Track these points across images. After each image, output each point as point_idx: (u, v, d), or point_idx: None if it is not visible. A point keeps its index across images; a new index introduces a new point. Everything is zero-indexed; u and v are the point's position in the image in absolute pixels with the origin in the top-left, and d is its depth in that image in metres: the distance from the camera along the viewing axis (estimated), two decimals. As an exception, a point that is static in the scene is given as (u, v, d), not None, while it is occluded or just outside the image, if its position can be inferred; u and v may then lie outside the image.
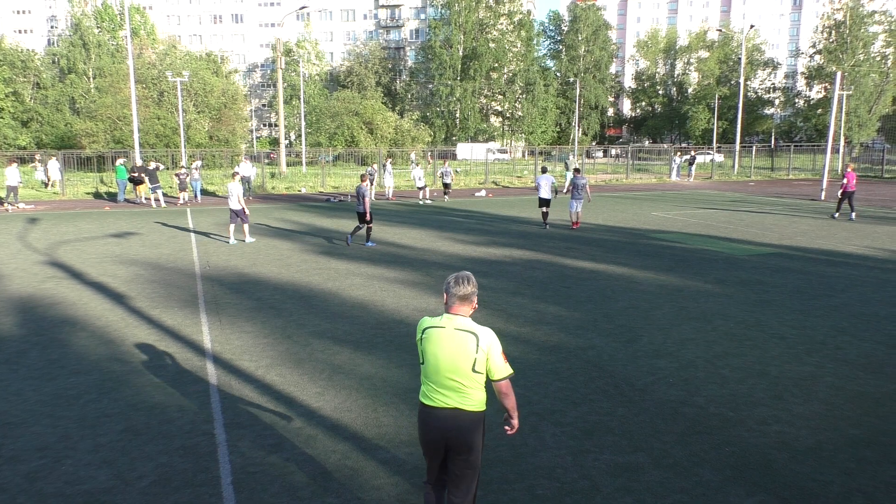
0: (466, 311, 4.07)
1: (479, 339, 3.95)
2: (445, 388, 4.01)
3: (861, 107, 72.07)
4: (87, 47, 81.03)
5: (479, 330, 4.00)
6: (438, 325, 4.05)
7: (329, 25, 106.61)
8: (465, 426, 3.99)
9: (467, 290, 4.03)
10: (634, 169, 49.17)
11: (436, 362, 4.02)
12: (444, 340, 3.99)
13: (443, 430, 4.01)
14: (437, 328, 4.04)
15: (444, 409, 4.01)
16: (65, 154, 36.99)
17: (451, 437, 4.00)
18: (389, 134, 62.70)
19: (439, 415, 4.01)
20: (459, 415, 3.99)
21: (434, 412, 4.03)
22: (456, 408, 3.99)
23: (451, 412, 3.99)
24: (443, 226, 20.90)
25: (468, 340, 3.95)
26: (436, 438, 4.05)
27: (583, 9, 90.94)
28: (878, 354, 8.35)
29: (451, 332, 3.99)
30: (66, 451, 5.87)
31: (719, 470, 5.49)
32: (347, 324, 9.83)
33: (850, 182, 22.30)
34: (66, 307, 10.89)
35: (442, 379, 4.01)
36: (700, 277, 12.98)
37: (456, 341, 3.96)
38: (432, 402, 4.05)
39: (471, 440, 4.01)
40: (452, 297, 4.03)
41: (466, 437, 4.00)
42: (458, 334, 3.97)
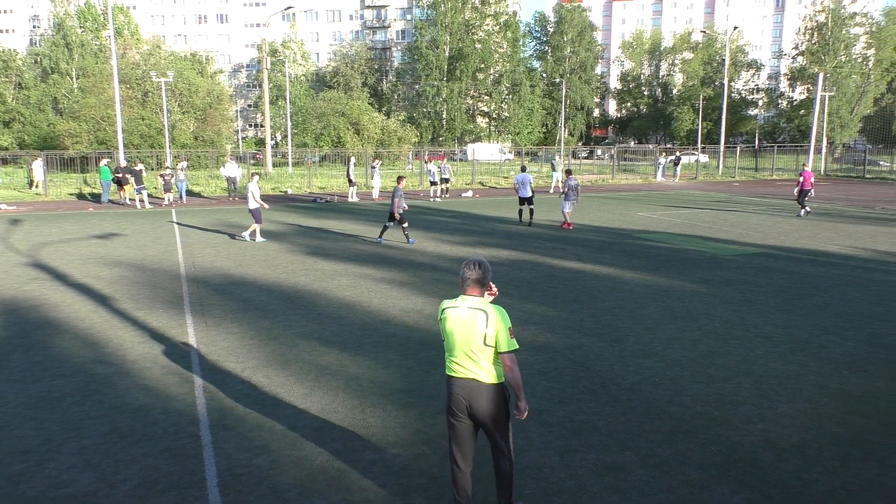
0: (480, 292, 4.55)
1: (488, 316, 4.42)
2: (464, 360, 4.51)
3: (843, 108, 72.80)
4: (69, 47, 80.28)
5: (488, 308, 4.46)
6: (454, 304, 4.57)
7: (315, 26, 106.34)
8: (484, 395, 4.48)
9: (477, 273, 4.51)
10: (620, 169, 49.38)
11: (453, 337, 4.52)
12: (459, 317, 4.50)
13: (466, 397, 4.50)
14: (454, 307, 4.55)
15: (464, 379, 4.52)
16: (48, 155, 36.63)
17: (472, 405, 4.50)
18: (376, 135, 62.55)
19: (462, 384, 4.52)
20: (479, 385, 4.48)
21: (457, 381, 4.54)
22: (474, 378, 4.48)
23: (470, 382, 4.50)
24: (430, 226, 20.90)
25: (479, 317, 4.43)
26: (460, 404, 4.53)
27: (568, 10, 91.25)
28: (861, 353, 8.43)
29: (464, 310, 4.50)
30: (49, 454, 5.81)
31: (705, 468, 5.52)
32: (334, 325, 9.80)
33: (806, 180, 23.19)
34: (50, 309, 10.78)
35: (459, 352, 4.51)
36: (685, 277, 13.05)
37: (468, 318, 4.46)
38: (455, 372, 4.56)
39: (490, 408, 4.49)
40: (466, 280, 4.54)
41: (486, 405, 4.48)
42: (470, 312, 4.47)
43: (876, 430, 6.25)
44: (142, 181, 27.74)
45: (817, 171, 46.37)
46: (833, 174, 48.99)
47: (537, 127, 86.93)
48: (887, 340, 8.94)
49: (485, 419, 4.51)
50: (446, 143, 77.98)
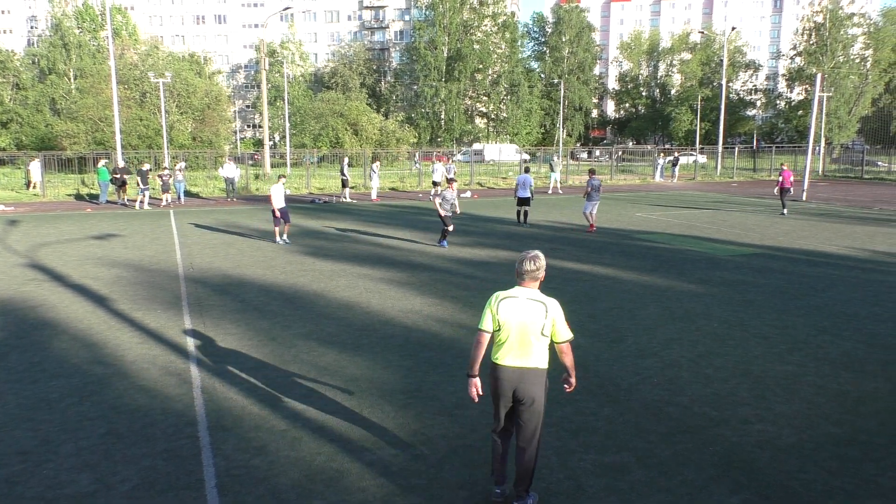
0: (535, 284, 4.80)
1: (547, 308, 4.71)
2: (518, 348, 4.72)
3: (841, 108, 72.86)
4: (67, 48, 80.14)
5: (547, 300, 4.75)
6: (513, 295, 4.78)
7: (313, 26, 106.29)
8: (531, 380, 4.74)
9: (536, 267, 4.75)
10: (618, 170, 49.41)
11: (510, 327, 4.71)
12: (518, 308, 4.71)
13: (513, 383, 4.74)
14: (511, 298, 4.76)
15: (514, 368, 4.73)
16: (45, 155, 36.57)
17: (518, 390, 4.74)
18: (374, 135, 62.52)
19: (510, 372, 4.74)
20: (527, 371, 4.73)
21: (506, 370, 4.75)
22: (523, 367, 4.72)
23: (519, 370, 4.73)
24: (428, 227, 20.90)
25: (538, 309, 4.70)
26: (506, 391, 4.78)
27: (566, 11, 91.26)
28: (858, 353, 8.44)
29: (524, 301, 4.72)
30: (46, 456, 5.80)
31: (703, 469, 5.53)
32: (333, 325, 9.80)
33: (785, 180, 23.76)
34: (48, 310, 10.77)
35: (515, 341, 4.71)
36: (683, 278, 13.06)
37: (528, 309, 4.70)
38: (504, 360, 4.76)
39: (535, 392, 4.75)
40: (524, 273, 4.75)
41: (532, 389, 4.74)
42: (529, 303, 4.71)
43: (874, 430, 6.26)
44: (147, 181, 27.68)
45: (815, 171, 46.42)
46: (831, 175, 49.05)
47: (536, 127, 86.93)
48: (885, 341, 8.96)
49: (528, 403, 4.75)
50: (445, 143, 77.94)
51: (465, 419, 6.52)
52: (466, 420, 6.50)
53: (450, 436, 6.16)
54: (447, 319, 10.11)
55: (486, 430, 6.26)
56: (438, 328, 9.64)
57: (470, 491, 5.19)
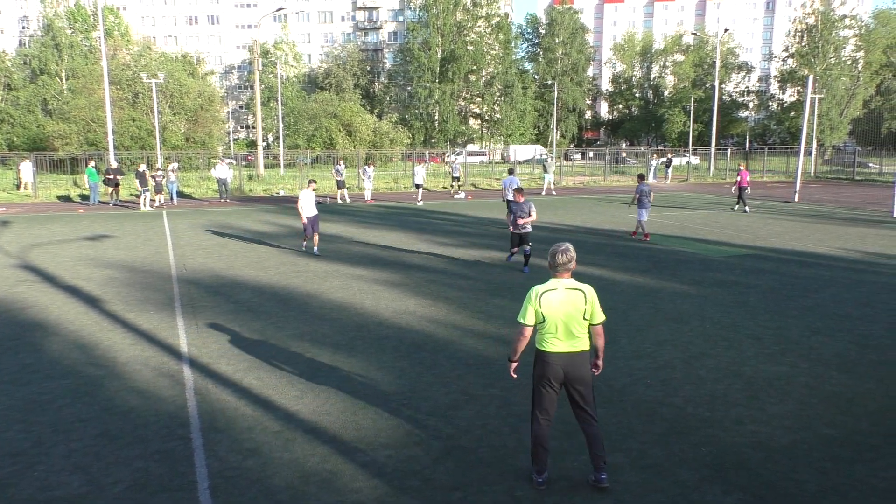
0: (568, 274, 5.14)
1: (585, 294, 5.11)
2: (565, 335, 5.07)
3: (833, 110, 73.26)
4: (59, 48, 79.84)
5: (583, 286, 5.14)
6: (552, 287, 5.10)
7: (306, 27, 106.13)
8: (580, 363, 5.13)
9: (569, 258, 5.11)
10: (612, 171, 49.51)
11: (556, 317, 5.04)
12: (560, 299, 5.06)
13: (564, 366, 5.09)
14: (552, 290, 5.08)
15: (563, 353, 5.10)
16: (37, 156, 36.39)
17: (569, 373, 5.11)
18: (368, 136, 62.48)
19: (561, 356, 5.10)
20: (576, 355, 5.11)
21: (556, 355, 5.10)
22: (572, 351, 5.09)
23: (568, 355, 5.10)
24: (422, 228, 20.89)
25: (578, 296, 5.09)
26: (557, 375, 5.12)
27: (560, 12, 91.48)
28: (850, 354, 8.48)
29: (563, 291, 5.08)
30: (38, 457, 5.77)
31: (696, 470, 5.54)
32: (326, 326, 9.78)
33: (743, 179, 24.98)
34: (39, 311, 10.71)
35: (562, 329, 5.06)
36: (676, 279, 13.10)
37: (570, 297, 5.07)
38: (554, 347, 5.10)
39: (585, 372, 5.16)
40: (559, 266, 5.10)
41: (582, 371, 5.14)
42: (569, 292, 5.09)
43: (866, 430, 6.29)
44: (146, 182, 27.55)
45: (807, 173, 46.62)
46: (823, 176, 49.27)
47: (529, 129, 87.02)
48: (877, 341, 9.00)
49: (579, 383, 5.13)
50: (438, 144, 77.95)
51: (459, 420, 6.52)
52: (460, 421, 6.50)
53: (444, 437, 6.16)
54: (441, 320, 10.11)
55: (480, 432, 6.27)
56: (432, 329, 9.64)
57: (464, 492, 5.19)
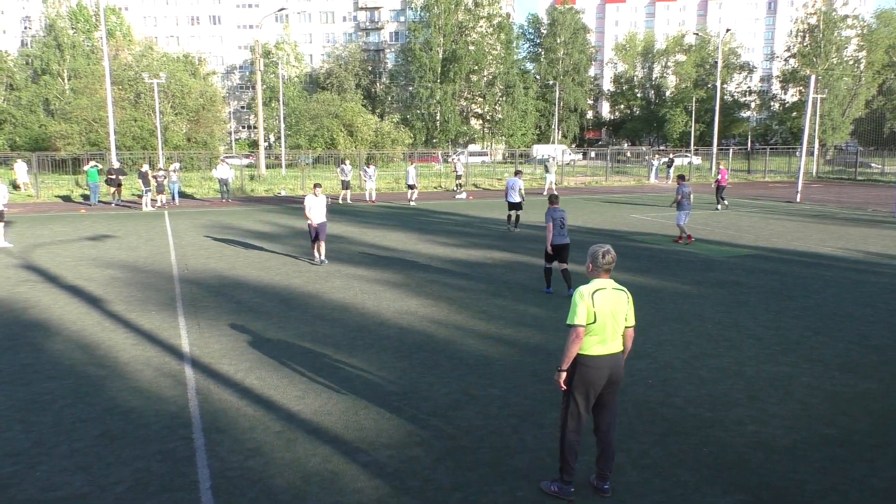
0: (609, 275, 5.16)
1: (627, 295, 5.14)
2: (612, 336, 5.01)
3: (835, 110, 73.13)
4: (61, 48, 79.90)
5: (624, 288, 5.16)
6: (601, 287, 5.05)
7: (308, 27, 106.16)
8: (621, 364, 5.11)
9: (612, 259, 5.14)
10: (613, 171, 49.49)
11: (606, 317, 4.96)
12: (611, 299, 5.02)
13: (609, 370, 5.01)
14: (602, 290, 5.03)
15: (610, 355, 5.02)
16: (39, 156, 36.43)
17: (612, 375, 5.04)
18: (369, 136, 62.50)
19: (608, 359, 5.01)
20: (618, 356, 5.08)
21: (602, 359, 4.99)
22: (616, 352, 5.06)
23: (613, 356, 5.04)
24: (423, 228, 20.90)
25: (623, 296, 5.09)
26: (602, 380, 5.00)
27: (561, 12, 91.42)
28: (851, 354, 8.48)
29: (611, 291, 5.05)
30: (39, 457, 5.78)
31: (697, 470, 5.55)
32: (328, 326, 9.79)
33: (722, 178, 25.92)
34: (41, 311, 10.73)
35: (611, 330, 4.99)
36: (677, 279, 13.09)
37: (617, 298, 5.05)
38: (601, 350, 4.99)
39: (622, 373, 5.16)
40: (602, 265, 5.10)
41: (621, 372, 5.13)
42: (615, 293, 5.06)
43: (866, 431, 6.29)
44: (148, 183, 27.60)
45: (809, 173, 46.57)
46: (825, 176, 49.22)
47: (531, 129, 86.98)
48: (878, 342, 8.99)
49: (616, 385, 5.12)
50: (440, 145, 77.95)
51: (460, 421, 6.53)
52: (461, 421, 6.51)
53: (444, 437, 6.16)
54: (442, 321, 10.12)
55: (481, 432, 6.27)
56: (434, 329, 9.65)
57: (465, 493, 5.20)
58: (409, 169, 30.61)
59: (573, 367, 5.02)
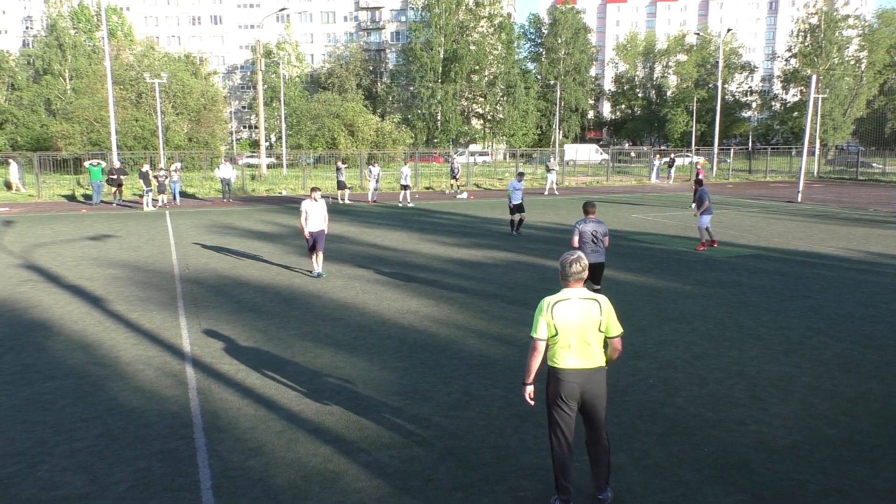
0: (580, 284, 4.80)
1: (601, 304, 4.76)
2: (579, 349, 4.72)
3: (836, 110, 73.10)
4: (62, 48, 79.99)
5: (598, 297, 4.80)
6: (564, 298, 4.74)
7: (309, 27, 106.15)
8: (596, 379, 4.79)
9: (582, 267, 4.77)
10: (615, 171, 49.46)
11: (569, 329, 4.68)
12: (574, 310, 4.70)
13: (580, 384, 4.74)
14: (564, 300, 4.73)
15: (578, 369, 4.74)
16: (40, 156, 36.45)
17: (586, 391, 4.77)
18: (370, 136, 62.52)
19: (576, 373, 4.74)
20: (591, 372, 4.76)
21: (571, 371, 4.74)
22: (587, 367, 4.75)
23: (583, 371, 4.75)
24: (424, 228, 20.90)
25: (592, 306, 4.73)
26: (573, 395, 4.76)
27: (562, 12, 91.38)
28: (853, 355, 8.47)
29: (577, 301, 4.73)
30: (41, 457, 5.78)
31: (698, 470, 5.54)
32: (329, 326, 9.79)
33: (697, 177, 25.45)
34: (42, 311, 10.74)
35: (576, 342, 4.71)
36: (679, 279, 13.08)
37: (584, 308, 4.72)
38: (567, 363, 4.74)
39: (601, 390, 4.83)
40: (572, 275, 4.76)
41: (598, 388, 4.81)
42: (583, 303, 4.73)
43: (868, 431, 6.28)
44: (149, 183, 27.62)
45: (810, 173, 46.54)
46: (826, 176, 49.18)
47: (532, 129, 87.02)
48: (879, 342, 8.98)
49: (594, 402, 4.82)
50: (441, 144, 77.95)
51: (462, 420, 6.53)
52: (463, 421, 6.50)
53: (446, 437, 6.16)
54: (443, 320, 10.12)
55: (482, 432, 6.27)
56: (435, 329, 9.65)
57: (466, 492, 5.20)
58: (403, 169, 30.17)
59: (548, 379, 4.83)
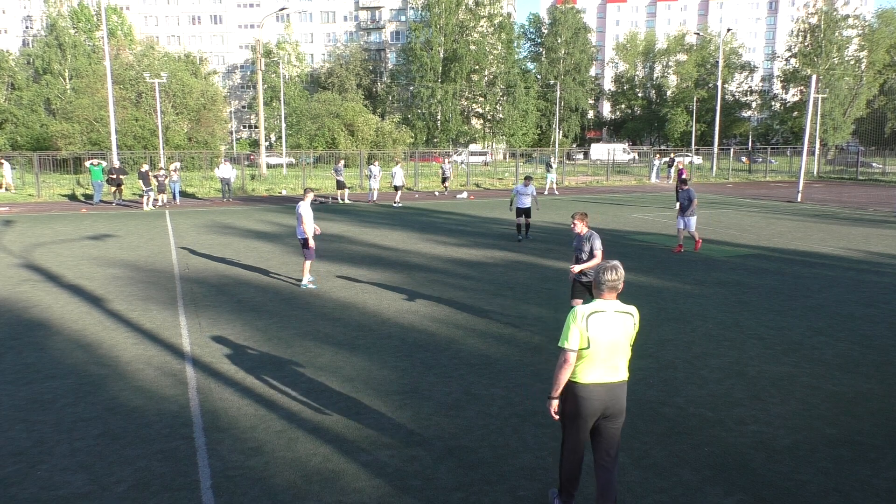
0: (615, 294, 4.57)
1: (633, 318, 4.58)
2: (611, 364, 4.50)
3: (836, 110, 73.14)
4: (62, 48, 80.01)
5: (631, 309, 4.60)
6: (600, 309, 4.49)
7: (309, 27, 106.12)
8: (620, 395, 4.56)
9: (618, 277, 4.54)
10: (614, 171, 49.46)
11: (601, 343, 4.44)
12: (610, 322, 4.47)
13: (605, 400, 4.50)
14: (600, 312, 4.48)
15: (603, 385, 4.50)
16: (40, 156, 36.44)
17: (609, 407, 4.53)
18: (370, 136, 62.53)
19: (604, 388, 4.50)
20: (616, 386, 4.54)
21: (595, 388, 4.49)
22: (612, 381, 4.52)
23: (609, 386, 4.51)
24: (424, 227, 20.90)
25: (627, 320, 4.54)
26: (595, 411, 4.51)
27: (562, 12, 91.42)
28: (853, 354, 8.47)
29: (612, 314, 4.49)
30: (41, 456, 5.78)
31: (698, 470, 5.54)
32: (329, 325, 9.79)
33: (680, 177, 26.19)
34: (42, 310, 10.73)
35: (609, 357, 4.48)
36: (679, 279, 13.08)
37: (619, 322, 4.50)
38: (592, 379, 4.49)
39: (623, 406, 4.60)
40: (606, 284, 4.52)
41: (621, 404, 4.57)
42: (618, 316, 4.51)
43: (868, 431, 6.28)
44: (149, 183, 27.60)
45: (810, 173, 46.55)
46: (826, 176, 49.19)
47: (532, 128, 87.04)
48: (879, 342, 8.99)
49: (617, 416, 4.59)
50: (441, 144, 77.94)
51: (461, 420, 6.52)
52: (462, 421, 6.50)
53: (446, 437, 6.16)
54: (443, 320, 10.11)
55: (482, 431, 6.26)
56: (435, 328, 9.64)
57: (465, 492, 5.19)
58: (395, 170, 29.66)
59: (565, 394, 4.58)
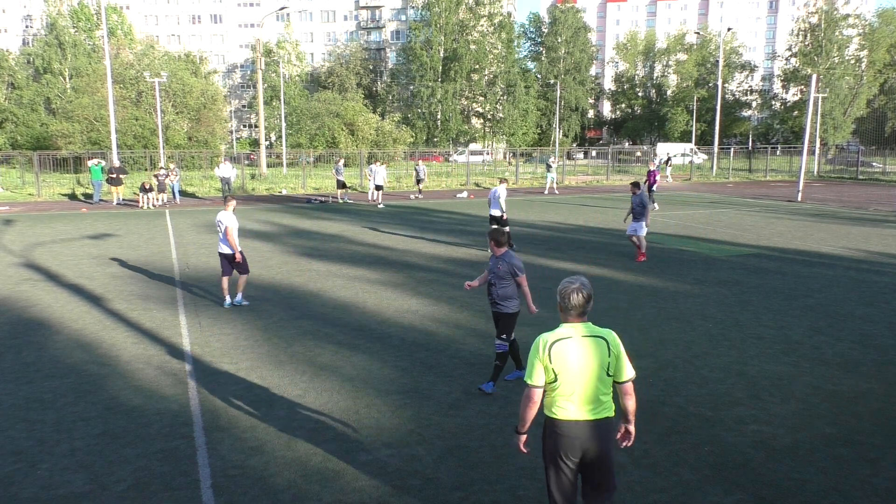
0: (584, 319, 3.95)
1: (608, 343, 3.88)
2: (586, 398, 3.87)
3: (836, 109, 73.10)
4: (62, 47, 79.95)
5: (605, 333, 3.92)
6: (564, 335, 3.87)
7: (309, 26, 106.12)
8: (605, 435, 3.91)
9: (584, 298, 3.95)
10: (615, 170, 49.44)
11: (570, 374, 3.83)
12: (577, 350, 3.84)
13: (581, 441, 3.88)
14: (565, 339, 3.86)
15: (583, 421, 3.88)
16: (40, 155, 36.44)
17: (590, 448, 3.89)
18: (370, 135, 62.51)
19: (579, 426, 3.87)
20: (598, 423, 3.89)
21: (572, 424, 3.87)
22: (591, 419, 3.88)
23: (587, 424, 3.88)
24: (424, 227, 20.89)
25: (599, 346, 3.86)
26: (574, 450, 3.89)
27: (562, 11, 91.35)
28: (853, 354, 8.47)
29: (579, 340, 3.86)
30: (41, 456, 5.78)
31: (698, 469, 5.54)
32: (329, 325, 9.79)
33: (651, 179, 26.87)
34: (42, 309, 10.73)
35: (580, 389, 3.85)
36: (679, 278, 13.08)
37: (589, 349, 3.85)
38: (567, 415, 3.88)
39: (608, 446, 3.95)
40: (570, 309, 3.92)
41: (606, 445, 3.92)
42: (587, 342, 3.86)
43: (868, 430, 6.28)
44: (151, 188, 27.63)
45: (810, 172, 46.52)
46: (826, 175, 49.17)
47: (532, 128, 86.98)
48: (880, 341, 8.98)
49: (602, 459, 3.93)
50: (441, 144, 77.92)
51: (461, 419, 6.52)
52: (462, 421, 6.50)
53: (445, 436, 6.16)
54: (443, 320, 10.11)
55: (482, 431, 6.26)
56: (435, 328, 9.64)
57: (465, 492, 5.20)
58: (376, 168, 28.58)
59: (545, 429, 4.01)
